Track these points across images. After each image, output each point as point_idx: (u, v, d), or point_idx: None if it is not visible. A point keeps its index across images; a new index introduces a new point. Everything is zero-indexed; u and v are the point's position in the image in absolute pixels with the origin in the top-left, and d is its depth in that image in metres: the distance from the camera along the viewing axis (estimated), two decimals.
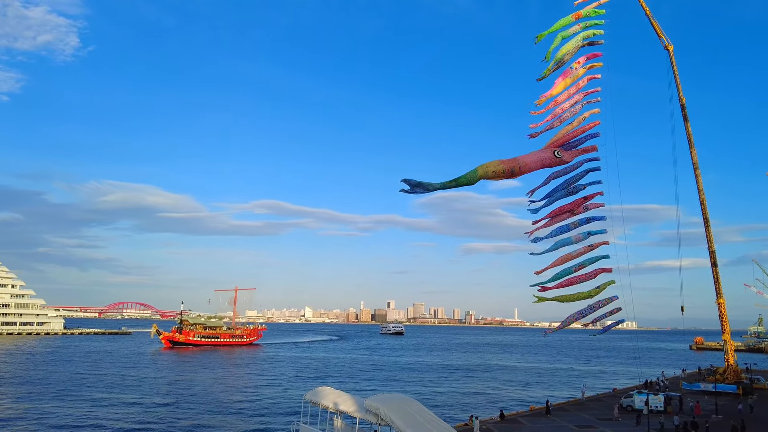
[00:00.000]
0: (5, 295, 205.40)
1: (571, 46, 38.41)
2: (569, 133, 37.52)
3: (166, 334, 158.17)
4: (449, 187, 30.21)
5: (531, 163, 33.30)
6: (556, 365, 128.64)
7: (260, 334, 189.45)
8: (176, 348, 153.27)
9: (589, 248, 37.50)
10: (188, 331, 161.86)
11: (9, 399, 58.99)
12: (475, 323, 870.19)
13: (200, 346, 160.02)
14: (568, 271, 36.92)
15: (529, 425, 41.99)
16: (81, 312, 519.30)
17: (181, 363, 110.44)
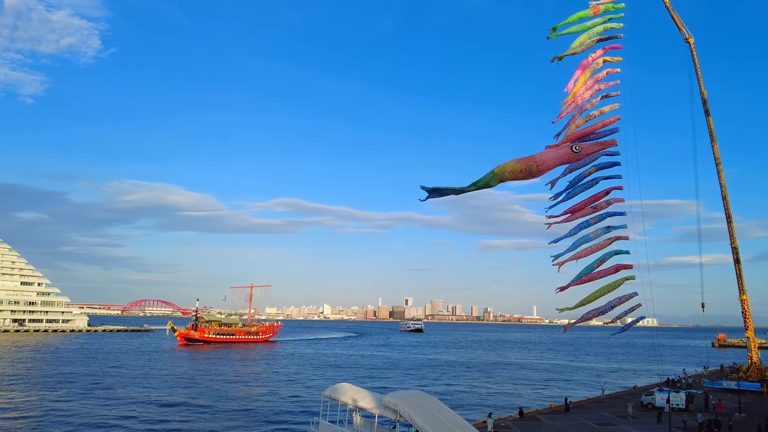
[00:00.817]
0: (32, 293, 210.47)
1: (588, 38, 38.02)
2: (587, 127, 37.17)
3: (181, 331, 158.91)
4: (467, 191, 30.21)
5: (549, 160, 33.04)
6: (575, 363, 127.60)
7: (276, 331, 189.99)
8: (191, 345, 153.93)
9: (609, 242, 37.17)
10: (203, 328, 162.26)
11: (35, 394, 60.49)
12: (494, 320, 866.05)
13: (215, 343, 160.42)
14: (590, 268, 36.58)
15: (549, 423, 41.82)
16: (104, 310, 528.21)
17: (196, 360, 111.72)
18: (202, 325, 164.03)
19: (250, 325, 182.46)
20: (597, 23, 38.28)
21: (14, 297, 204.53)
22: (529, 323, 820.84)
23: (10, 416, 48.35)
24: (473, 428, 28.58)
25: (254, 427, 47.28)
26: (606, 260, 36.88)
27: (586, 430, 39.22)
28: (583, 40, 37.66)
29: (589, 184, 37.61)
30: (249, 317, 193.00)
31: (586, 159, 36.53)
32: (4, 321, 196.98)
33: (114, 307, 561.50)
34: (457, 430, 26.73)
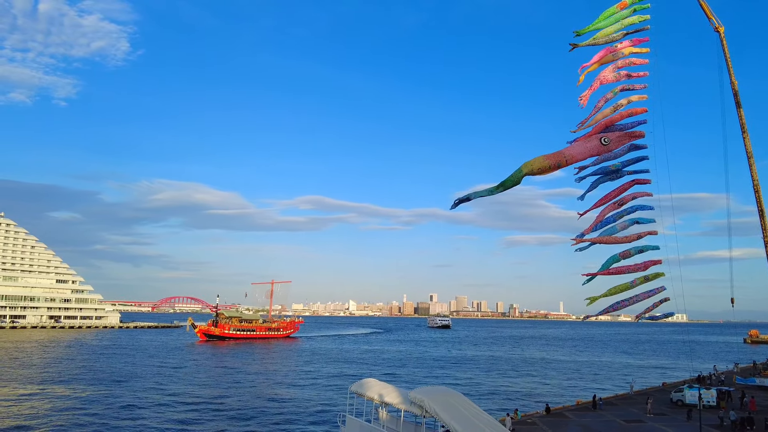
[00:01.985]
0: (66, 291, 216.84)
1: (613, 30, 37.46)
2: (614, 116, 36.62)
3: (201, 327, 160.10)
4: (497, 192, 30.20)
5: (577, 155, 32.73)
6: (603, 359, 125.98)
7: (297, 327, 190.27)
8: (212, 341, 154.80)
9: (636, 237, 36.64)
10: (224, 324, 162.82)
11: (65, 388, 62.56)
12: (519, 316, 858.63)
13: (236, 339, 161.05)
14: (615, 258, 36.10)
15: (576, 419, 41.57)
16: (135, 307, 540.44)
17: (217, 356, 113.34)
18: (223, 321, 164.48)
19: (270, 321, 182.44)
20: (623, 15, 37.69)
21: (50, 294, 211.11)
22: (555, 319, 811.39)
23: (38, 409, 50.19)
24: (499, 424, 28.63)
25: (282, 420, 48.12)
26: (632, 254, 36.39)
27: (614, 427, 38.88)
28: (607, 33, 37.14)
29: (616, 178, 37.07)
30: (270, 313, 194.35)
31: (615, 152, 36.06)
32: (41, 318, 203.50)
33: (145, 304, 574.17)
34: (484, 426, 26.70)
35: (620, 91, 37.10)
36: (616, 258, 36.01)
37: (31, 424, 44.29)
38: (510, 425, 36.64)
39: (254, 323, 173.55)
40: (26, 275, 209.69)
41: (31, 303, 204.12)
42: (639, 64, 38.80)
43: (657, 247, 36.63)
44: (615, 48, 37.65)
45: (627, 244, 36.17)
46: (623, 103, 37.44)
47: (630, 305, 36.32)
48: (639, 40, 38.38)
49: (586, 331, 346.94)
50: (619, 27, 37.30)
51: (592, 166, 36.73)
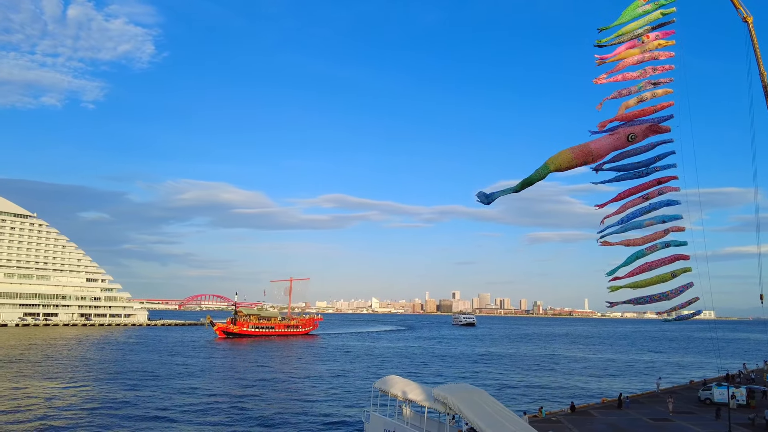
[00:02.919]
0: (96, 289, 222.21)
1: (637, 26, 36.87)
2: (639, 111, 36.02)
3: (220, 325, 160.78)
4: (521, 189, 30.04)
5: (603, 149, 32.34)
6: (629, 356, 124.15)
7: (316, 325, 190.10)
8: (230, 339, 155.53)
9: (663, 233, 36.04)
10: (242, 322, 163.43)
11: (91, 383, 64.26)
12: (543, 314, 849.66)
13: (254, 337, 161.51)
14: (640, 252, 35.52)
15: (601, 417, 41.22)
16: (162, 304, 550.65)
17: (238, 353, 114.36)
18: (241, 318, 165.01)
19: (289, 319, 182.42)
20: (648, 10, 37.00)
21: (81, 293, 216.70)
22: (580, 317, 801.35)
23: (64, 403, 51.67)
24: (522, 421, 28.60)
25: (306, 417, 48.69)
26: (659, 248, 35.75)
27: (641, 426, 38.46)
28: (632, 28, 36.53)
29: (642, 173, 36.49)
30: (289, 311, 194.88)
31: (640, 146, 35.48)
32: (72, 315, 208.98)
33: (172, 302, 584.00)
34: (507, 423, 26.67)
35: (646, 85, 36.50)
36: (642, 252, 35.43)
37: (56, 415, 45.70)
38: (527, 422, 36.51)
39: (273, 321, 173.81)
40: (58, 274, 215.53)
41: (62, 301, 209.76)
42: (664, 57, 38.11)
43: (684, 242, 35.97)
44: (639, 43, 37.03)
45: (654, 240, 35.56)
46: (648, 97, 36.80)
47: (658, 302, 35.69)
48: (665, 33, 37.69)
49: (612, 328, 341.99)
50: (644, 22, 36.70)
51: (616, 161, 36.19)
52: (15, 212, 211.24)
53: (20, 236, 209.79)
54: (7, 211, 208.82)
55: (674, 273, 35.19)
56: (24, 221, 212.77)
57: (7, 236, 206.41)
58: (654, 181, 36.77)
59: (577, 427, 37.70)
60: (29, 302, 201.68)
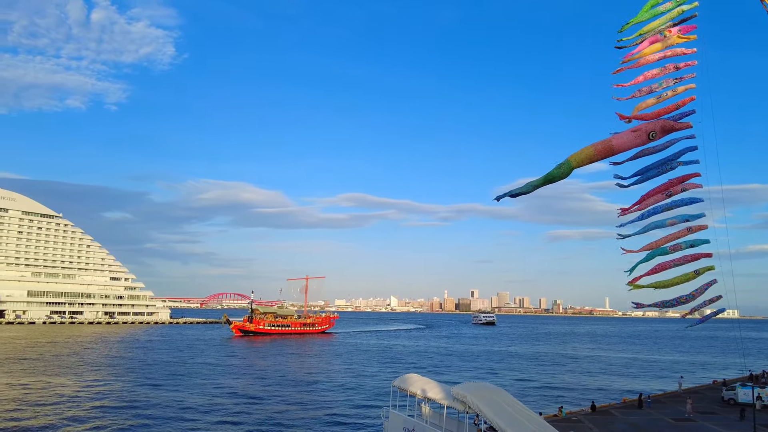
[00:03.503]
0: (120, 288, 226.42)
1: (659, 24, 36.45)
2: (660, 109, 35.64)
3: (236, 323, 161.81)
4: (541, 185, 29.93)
5: (625, 147, 32.10)
6: (650, 356, 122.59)
7: (332, 323, 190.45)
8: (247, 337, 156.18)
9: (687, 231, 35.56)
10: (258, 320, 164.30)
11: (114, 380, 65.64)
12: (563, 313, 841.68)
13: (270, 335, 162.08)
14: (663, 250, 35.13)
15: (622, 417, 40.91)
16: (184, 303, 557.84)
17: (254, 351, 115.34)
18: (258, 317, 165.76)
19: (305, 317, 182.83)
20: (669, 7, 36.49)
21: (105, 291, 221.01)
22: (601, 315, 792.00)
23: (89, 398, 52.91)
24: (543, 421, 28.55)
25: (325, 414, 49.15)
26: (683, 247, 35.29)
27: (662, 426, 38.11)
28: (654, 26, 36.10)
29: (663, 170, 36.08)
30: (305, 309, 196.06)
31: (661, 143, 35.12)
32: (96, 313, 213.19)
33: (193, 300, 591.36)
34: (527, 422, 26.61)
35: (666, 83, 36.08)
36: (664, 250, 35.01)
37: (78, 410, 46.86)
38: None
39: (289, 319, 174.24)
40: (83, 273, 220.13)
41: (87, 300, 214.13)
42: (686, 53, 37.63)
43: (707, 240, 35.49)
44: (661, 38, 36.60)
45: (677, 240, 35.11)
46: (669, 94, 36.40)
47: (684, 303, 35.25)
48: (686, 28, 37.19)
49: (633, 327, 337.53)
50: (665, 19, 36.28)
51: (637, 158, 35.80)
52: (41, 212, 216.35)
53: (47, 236, 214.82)
54: (34, 212, 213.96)
55: (697, 271, 34.77)
56: (50, 221, 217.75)
57: (35, 236, 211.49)
58: (676, 179, 36.40)
59: (597, 426, 37.49)
60: (56, 300, 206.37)
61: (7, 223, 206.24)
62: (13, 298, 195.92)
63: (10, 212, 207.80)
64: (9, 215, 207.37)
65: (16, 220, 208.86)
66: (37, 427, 41.51)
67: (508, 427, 25.52)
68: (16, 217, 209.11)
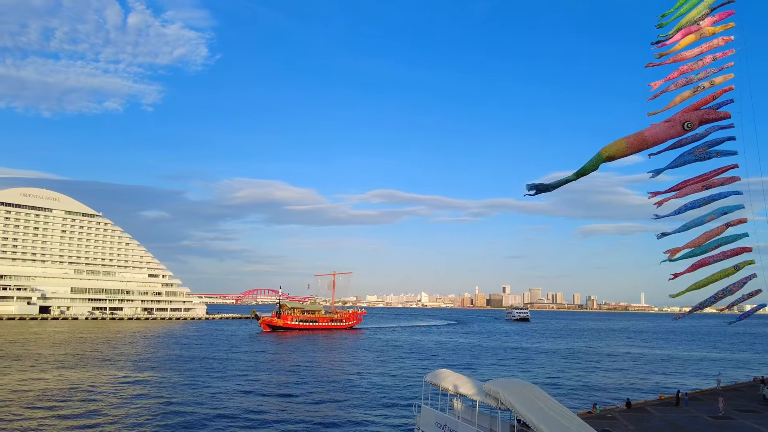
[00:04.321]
0: (157, 285, 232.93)
1: (697, 13, 35.52)
2: (698, 101, 34.72)
3: (264, 318, 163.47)
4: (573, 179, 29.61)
5: (659, 137, 31.47)
6: (688, 352, 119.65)
7: (360, 318, 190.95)
8: (275, 332, 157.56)
9: (725, 227, 34.69)
10: (286, 315, 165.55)
11: (146, 373, 67.77)
12: (597, 308, 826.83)
13: (298, 330, 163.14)
14: (704, 249, 34.39)
15: (659, 415, 40.28)
16: (220, 299, 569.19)
17: (283, 346, 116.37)
18: (285, 312, 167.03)
19: (333, 312, 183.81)
20: None
21: (143, 288, 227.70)
22: (636, 311, 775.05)
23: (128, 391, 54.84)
24: (577, 418, 28.39)
25: (358, 408, 49.82)
26: (722, 245, 34.47)
27: (701, 424, 37.40)
28: (690, 17, 35.17)
29: (699, 158, 35.14)
30: (332, 304, 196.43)
31: (697, 134, 34.21)
32: (136, 309, 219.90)
33: (229, 296, 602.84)
34: (561, 419, 26.42)
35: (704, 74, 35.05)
36: (705, 249, 34.12)
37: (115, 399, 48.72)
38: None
39: (317, 314, 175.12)
40: (122, 270, 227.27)
41: (127, 296, 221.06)
42: (723, 42, 36.46)
43: (746, 234, 34.52)
44: (697, 27, 35.54)
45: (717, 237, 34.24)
46: (706, 86, 35.31)
47: (722, 299, 34.32)
48: (723, 14, 36.04)
49: (669, 323, 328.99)
50: (702, 7, 35.31)
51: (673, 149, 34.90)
52: (83, 212, 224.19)
53: (88, 235, 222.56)
54: (76, 211, 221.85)
55: (737, 266, 33.86)
56: (91, 220, 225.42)
57: (77, 235, 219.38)
58: (713, 171, 35.35)
59: (633, 424, 37.04)
60: (97, 297, 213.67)
61: (51, 223, 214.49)
62: (57, 294, 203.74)
63: (54, 212, 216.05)
64: (53, 215, 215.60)
65: (60, 219, 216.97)
66: (75, 415, 43.37)
67: (541, 424, 25.45)
68: (60, 216, 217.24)
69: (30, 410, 45.50)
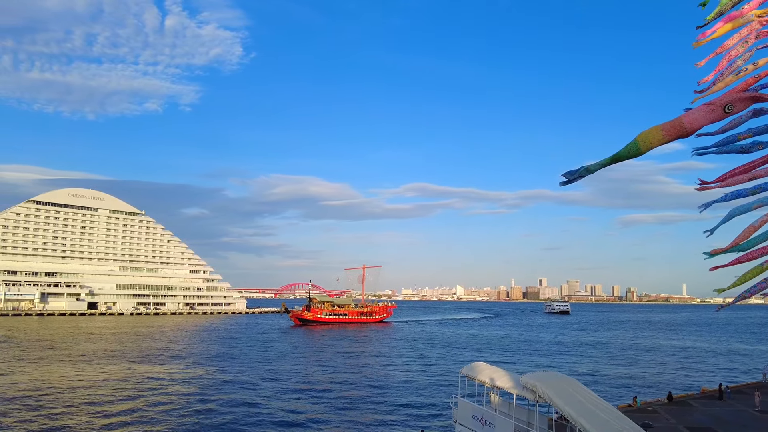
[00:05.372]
0: (198, 280, 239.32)
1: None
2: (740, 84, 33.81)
3: (294, 312, 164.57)
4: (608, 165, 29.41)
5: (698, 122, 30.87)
6: (731, 345, 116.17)
7: (390, 312, 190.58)
8: (305, 326, 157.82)
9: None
10: (316, 309, 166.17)
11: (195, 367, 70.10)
12: (637, 300, 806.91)
13: (328, 324, 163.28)
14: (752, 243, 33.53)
15: (701, 408, 39.65)
16: (259, 293, 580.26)
17: (314, 339, 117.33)
18: (315, 306, 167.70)
19: (363, 306, 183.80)
20: None
21: (185, 283, 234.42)
22: (678, 303, 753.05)
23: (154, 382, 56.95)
24: (617, 411, 28.26)
25: (395, 399, 50.48)
26: None
27: (746, 418, 36.68)
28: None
29: (744, 149, 34.23)
30: (362, 298, 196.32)
31: (739, 117, 33.33)
32: (178, 305, 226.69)
33: (268, 291, 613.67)
34: (600, 412, 26.15)
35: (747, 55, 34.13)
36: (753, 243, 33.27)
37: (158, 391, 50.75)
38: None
39: (346, 308, 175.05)
40: (165, 267, 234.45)
41: (169, 292, 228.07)
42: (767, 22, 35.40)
43: None
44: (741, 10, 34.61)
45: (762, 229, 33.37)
46: (750, 68, 34.37)
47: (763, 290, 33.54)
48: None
49: (712, 314, 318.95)
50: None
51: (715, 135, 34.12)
52: (126, 210, 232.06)
53: (131, 233, 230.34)
54: (120, 210, 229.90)
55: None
56: (134, 219, 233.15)
57: (121, 233, 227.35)
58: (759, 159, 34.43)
59: (675, 417, 36.62)
60: (141, 293, 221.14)
61: (97, 222, 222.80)
62: (104, 291, 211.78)
63: (99, 211, 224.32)
64: (98, 214, 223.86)
65: (105, 218, 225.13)
66: (119, 412, 45.51)
67: (580, 417, 25.27)
68: (104, 215, 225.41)
69: (76, 402, 47.99)
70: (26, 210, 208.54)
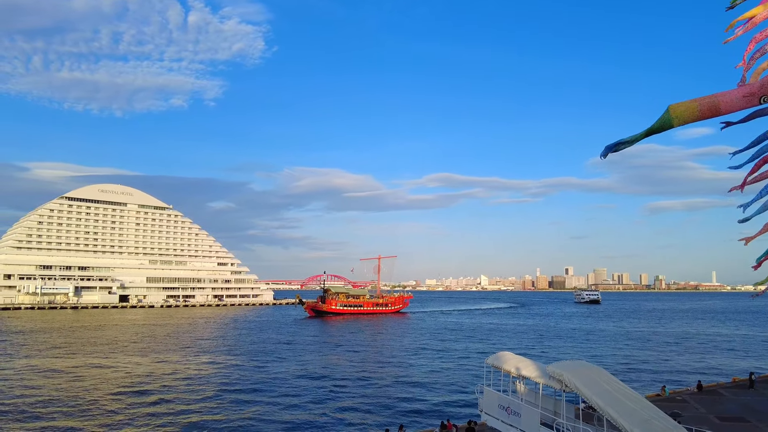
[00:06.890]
0: (226, 272, 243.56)
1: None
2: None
3: (309, 303, 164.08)
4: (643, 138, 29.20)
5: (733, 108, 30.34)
6: (764, 333, 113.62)
7: (406, 302, 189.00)
8: (320, 317, 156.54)
9: None
10: (331, 300, 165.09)
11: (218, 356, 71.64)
12: (666, 288, 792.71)
13: (343, 315, 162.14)
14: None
15: (731, 397, 39.21)
16: (286, 285, 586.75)
17: (330, 330, 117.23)
18: (330, 297, 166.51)
19: (378, 297, 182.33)
20: None
21: (213, 276, 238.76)
22: (707, 290, 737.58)
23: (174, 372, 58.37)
24: (645, 400, 28.11)
25: (420, 390, 50.88)
26: None
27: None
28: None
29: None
30: (378, 288, 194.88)
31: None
32: (207, 297, 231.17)
33: (294, 282, 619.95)
34: (628, 402, 25.80)
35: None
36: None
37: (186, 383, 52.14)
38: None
39: (361, 299, 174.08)
40: (193, 260, 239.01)
41: (198, 284, 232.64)
42: None
43: None
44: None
45: None
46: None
47: None
48: None
49: (743, 302, 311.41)
50: None
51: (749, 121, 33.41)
52: (155, 205, 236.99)
53: (160, 226, 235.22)
54: (149, 204, 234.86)
55: None
56: (163, 213, 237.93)
57: (150, 227, 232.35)
58: None
59: (704, 406, 36.32)
60: (170, 285, 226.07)
61: (127, 216, 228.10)
62: (135, 284, 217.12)
63: (128, 206, 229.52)
64: (128, 209, 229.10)
65: (134, 213, 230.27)
66: (150, 403, 46.98)
67: (608, 407, 25.01)
68: (134, 210, 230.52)
69: (111, 393, 49.71)
70: (59, 206, 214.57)
